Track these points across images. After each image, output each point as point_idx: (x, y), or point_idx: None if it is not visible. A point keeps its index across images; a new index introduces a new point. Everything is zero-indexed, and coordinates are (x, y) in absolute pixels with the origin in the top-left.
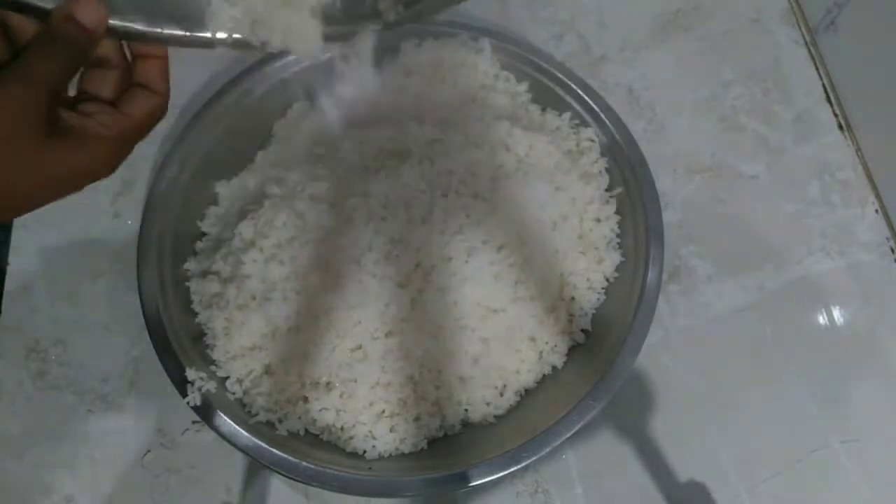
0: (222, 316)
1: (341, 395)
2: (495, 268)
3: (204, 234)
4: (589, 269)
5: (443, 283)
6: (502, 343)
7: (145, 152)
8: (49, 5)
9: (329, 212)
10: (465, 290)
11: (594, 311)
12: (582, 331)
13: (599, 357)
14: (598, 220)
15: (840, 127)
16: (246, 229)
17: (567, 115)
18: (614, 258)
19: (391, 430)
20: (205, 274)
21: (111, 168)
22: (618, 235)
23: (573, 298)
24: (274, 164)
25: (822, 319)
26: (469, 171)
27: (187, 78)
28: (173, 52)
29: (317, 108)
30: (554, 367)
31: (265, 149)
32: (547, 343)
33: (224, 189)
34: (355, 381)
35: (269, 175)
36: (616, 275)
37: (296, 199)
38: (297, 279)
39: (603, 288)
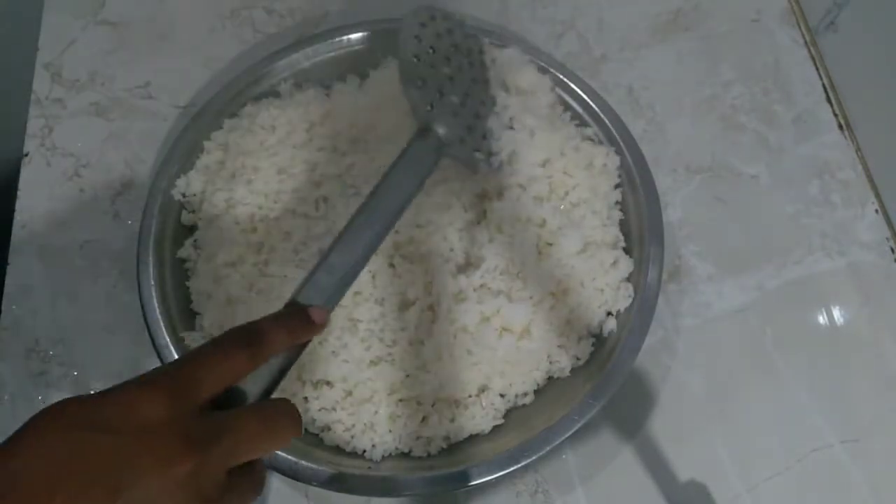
0: (219, 316)
1: (341, 395)
2: (497, 274)
3: None
4: (590, 270)
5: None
6: (503, 344)
7: (145, 153)
8: None
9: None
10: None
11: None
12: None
13: (599, 357)
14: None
15: (840, 127)
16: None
17: (567, 115)
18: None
19: (391, 430)
20: (201, 274)
21: None
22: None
23: (576, 300)
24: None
25: (822, 319)
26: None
27: (187, 78)
28: (173, 53)
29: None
30: (558, 368)
31: None
32: (549, 344)
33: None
34: (355, 382)
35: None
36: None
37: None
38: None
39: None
